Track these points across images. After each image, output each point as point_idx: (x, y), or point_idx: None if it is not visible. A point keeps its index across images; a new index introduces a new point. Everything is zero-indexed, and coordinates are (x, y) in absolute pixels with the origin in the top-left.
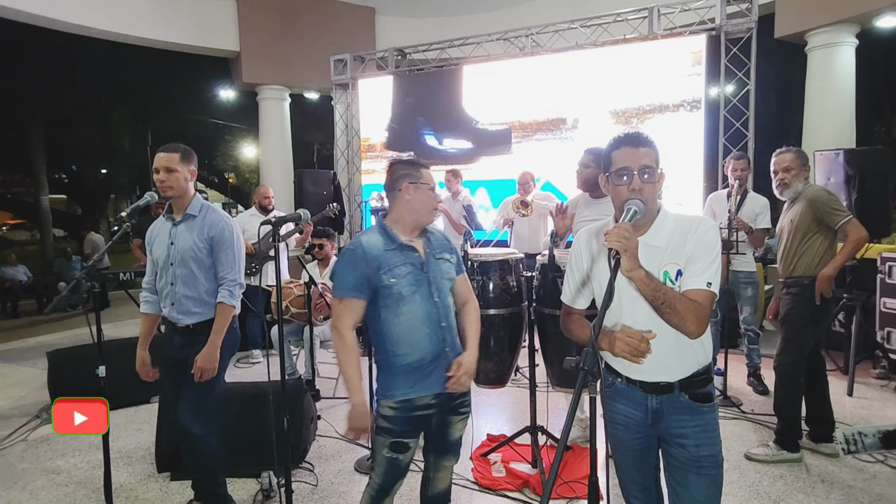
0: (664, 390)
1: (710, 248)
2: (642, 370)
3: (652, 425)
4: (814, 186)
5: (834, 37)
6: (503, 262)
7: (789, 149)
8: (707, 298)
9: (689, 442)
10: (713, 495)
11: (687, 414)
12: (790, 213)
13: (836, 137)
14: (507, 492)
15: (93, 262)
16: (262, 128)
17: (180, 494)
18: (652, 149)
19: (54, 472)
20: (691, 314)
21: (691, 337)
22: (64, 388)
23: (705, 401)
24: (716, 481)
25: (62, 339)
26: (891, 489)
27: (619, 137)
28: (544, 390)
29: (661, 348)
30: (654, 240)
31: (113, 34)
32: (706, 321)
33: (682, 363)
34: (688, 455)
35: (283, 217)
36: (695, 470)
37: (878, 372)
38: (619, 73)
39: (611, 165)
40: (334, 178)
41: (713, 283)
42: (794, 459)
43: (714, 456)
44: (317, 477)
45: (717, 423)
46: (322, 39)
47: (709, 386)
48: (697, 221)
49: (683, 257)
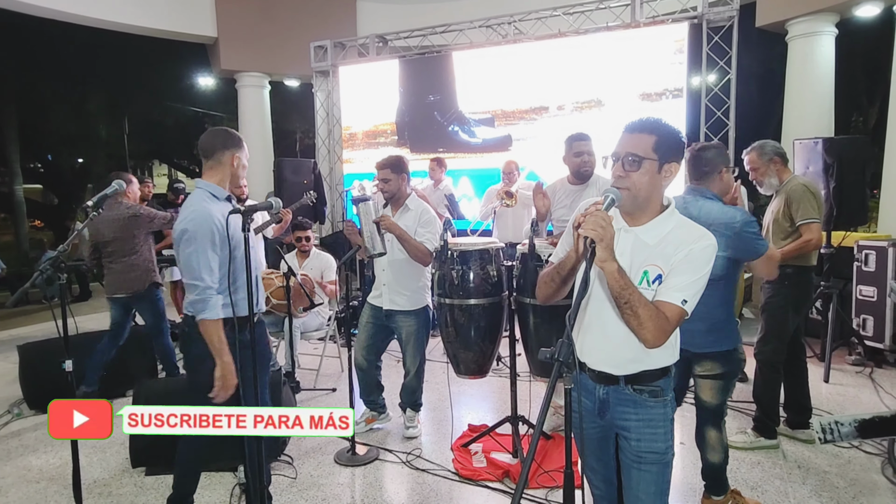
0: (610, 381)
1: (700, 266)
2: (593, 356)
3: (599, 415)
4: (796, 179)
5: (814, 26)
6: (483, 252)
7: (751, 148)
8: (676, 315)
9: (632, 435)
10: (651, 493)
11: (630, 406)
12: (772, 206)
13: (815, 126)
14: (488, 482)
15: (57, 254)
16: (242, 116)
17: (155, 489)
18: (651, 135)
19: (25, 468)
20: (652, 323)
21: (646, 345)
22: (35, 382)
23: (652, 396)
24: (656, 479)
25: (36, 331)
26: (865, 474)
27: (632, 121)
28: (525, 380)
29: (614, 342)
30: (646, 235)
31: (87, 19)
32: (666, 336)
33: (634, 361)
34: (630, 449)
35: (254, 206)
36: (636, 465)
37: (853, 359)
38: (602, 62)
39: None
40: (315, 167)
41: (689, 303)
42: (771, 446)
43: (655, 453)
44: (295, 470)
45: (665, 420)
46: (302, 25)
47: (660, 381)
48: (699, 234)
49: (669, 264)
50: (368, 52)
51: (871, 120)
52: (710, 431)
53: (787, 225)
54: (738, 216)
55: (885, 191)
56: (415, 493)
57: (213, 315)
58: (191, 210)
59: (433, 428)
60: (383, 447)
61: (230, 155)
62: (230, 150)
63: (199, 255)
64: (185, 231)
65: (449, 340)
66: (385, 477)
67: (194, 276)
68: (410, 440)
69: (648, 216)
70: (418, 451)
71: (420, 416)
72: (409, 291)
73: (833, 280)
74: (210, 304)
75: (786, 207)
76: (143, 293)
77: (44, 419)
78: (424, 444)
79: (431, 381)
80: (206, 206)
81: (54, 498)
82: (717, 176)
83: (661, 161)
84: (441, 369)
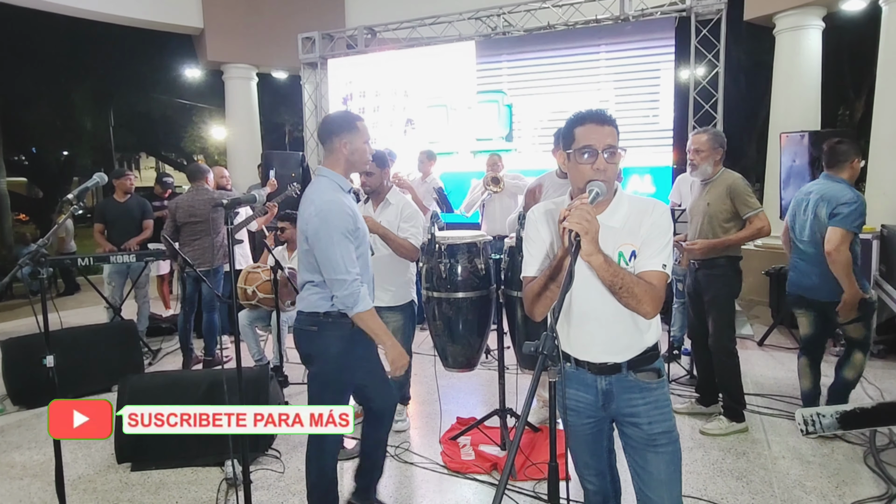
0: (613, 371)
1: (665, 231)
2: (592, 349)
3: (603, 407)
4: (731, 173)
5: (801, 20)
6: (471, 245)
7: (705, 130)
8: (661, 280)
9: (642, 420)
10: (673, 472)
11: (637, 392)
12: (706, 195)
13: (802, 119)
14: (476, 475)
15: (36, 248)
16: (229, 108)
17: (140, 485)
18: (615, 128)
19: (9, 465)
20: (647, 296)
21: (647, 318)
22: (19, 378)
23: (654, 377)
24: (674, 458)
25: (20, 326)
26: (848, 464)
27: (582, 114)
28: (513, 373)
29: (613, 330)
30: (611, 220)
31: (72, 9)
32: (661, 301)
33: (631, 344)
34: (642, 434)
35: (238, 199)
36: (651, 449)
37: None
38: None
39: (573, 142)
40: (303, 160)
41: (667, 265)
42: (742, 429)
43: (668, 432)
44: (283, 464)
45: (668, 399)
46: (289, 17)
47: (656, 362)
48: (652, 204)
49: (639, 239)
50: (357, 44)
51: (858, 113)
52: (857, 354)
53: (727, 216)
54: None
55: (870, 184)
56: (403, 486)
57: (366, 306)
58: (324, 201)
59: (422, 421)
60: None
61: (339, 141)
62: (339, 135)
63: (342, 248)
64: (325, 223)
65: (437, 334)
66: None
67: (338, 270)
68: (399, 433)
69: (606, 203)
70: (407, 445)
71: (408, 409)
72: (393, 287)
73: None
74: (361, 296)
75: (728, 200)
76: (217, 268)
77: (27, 415)
78: (413, 437)
79: (420, 375)
80: (337, 196)
81: (38, 494)
82: (849, 164)
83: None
84: (429, 363)
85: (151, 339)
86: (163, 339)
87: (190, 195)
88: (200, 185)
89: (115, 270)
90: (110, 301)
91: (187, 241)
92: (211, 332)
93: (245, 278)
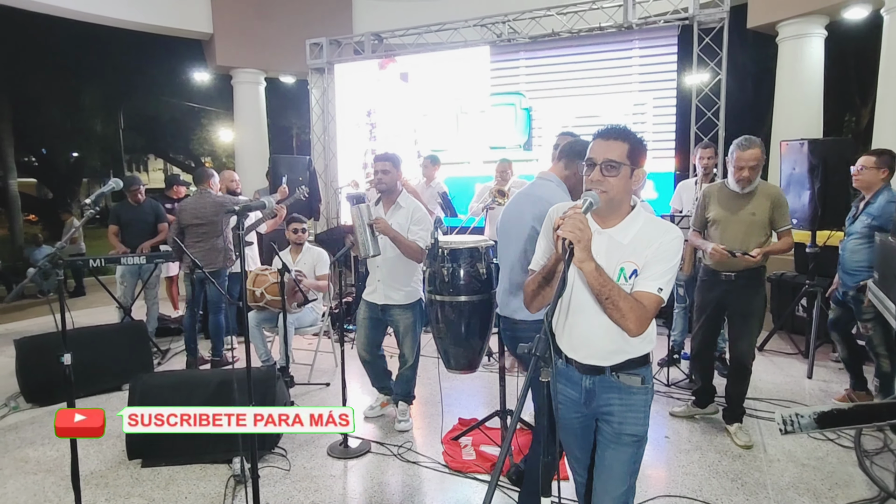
0: (597, 372)
1: (671, 258)
2: (579, 351)
3: (585, 404)
4: (768, 183)
5: (804, 28)
6: (473, 250)
7: (751, 142)
8: (654, 303)
9: (615, 419)
10: (624, 471)
11: (616, 392)
12: (750, 206)
13: (804, 127)
14: (477, 474)
15: (55, 250)
16: (237, 112)
17: (151, 481)
18: (624, 143)
19: (23, 460)
20: (633, 314)
21: (630, 335)
22: (32, 376)
23: (637, 382)
24: (631, 458)
25: (32, 325)
26: (841, 467)
27: (599, 129)
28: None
29: (600, 335)
30: (621, 235)
31: (83, 14)
32: (647, 323)
33: (617, 351)
34: (611, 430)
35: (249, 205)
36: (613, 445)
37: (836, 355)
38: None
39: (585, 154)
40: (310, 164)
41: (664, 290)
42: (709, 412)
43: (635, 435)
44: (289, 462)
45: (645, 406)
46: (297, 22)
47: (641, 370)
48: (665, 228)
49: (643, 259)
50: (364, 50)
51: (864, 120)
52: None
53: (768, 226)
54: None
55: None
56: (405, 484)
57: None
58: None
59: (424, 422)
60: (375, 440)
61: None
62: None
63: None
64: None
65: (440, 336)
66: (377, 469)
67: None
68: (402, 433)
69: (619, 218)
70: (409, 444)
71: (412, 409)
72: (404, 286)
73: (817, 279)
74: None
75: (770, 207)
76: (220, 270)
77: (40, 412)
78: (416, 437)
79: (423, 376)
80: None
81: (52, 489)
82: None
83: (633, 167)
84: (432, 364)
85: (160, 339)
86: (171, 340)
87: (194, 198)
88: (204, 188)
89: (127, 271)
90: (121, 301)
91: (191, 244)
92: (217, 333)
93: (253, 280)
